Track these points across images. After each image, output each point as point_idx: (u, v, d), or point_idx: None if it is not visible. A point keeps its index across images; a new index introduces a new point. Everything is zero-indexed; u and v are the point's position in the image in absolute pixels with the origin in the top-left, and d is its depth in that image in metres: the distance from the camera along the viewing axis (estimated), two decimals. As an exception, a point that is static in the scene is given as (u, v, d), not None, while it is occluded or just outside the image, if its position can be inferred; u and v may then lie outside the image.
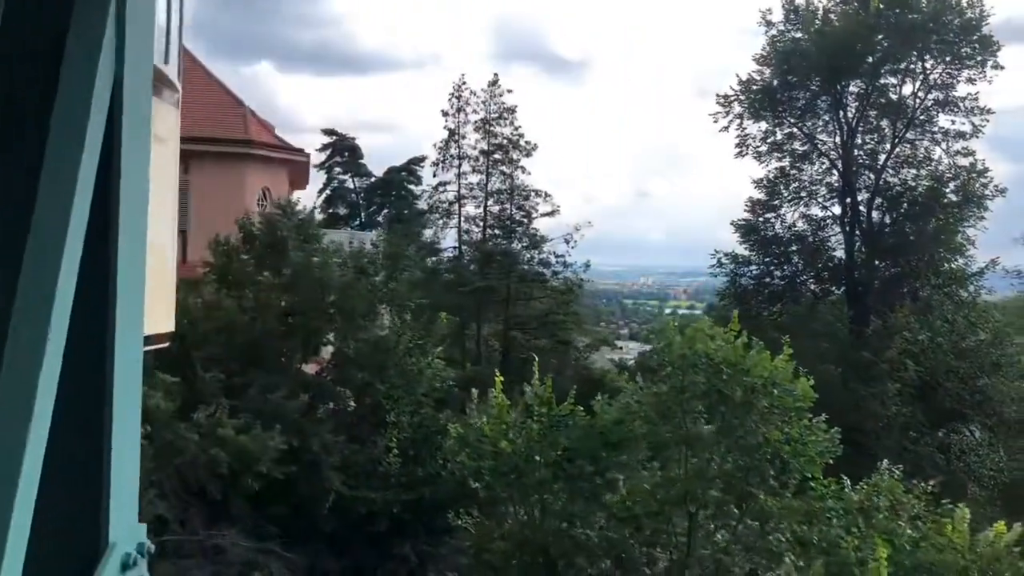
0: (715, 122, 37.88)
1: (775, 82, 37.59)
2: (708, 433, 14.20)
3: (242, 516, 17.21)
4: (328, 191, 77.28)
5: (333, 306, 19.85)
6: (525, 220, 44.91)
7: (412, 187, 68.84)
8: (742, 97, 37.59)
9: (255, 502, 17.88)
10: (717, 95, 38.17)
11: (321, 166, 76.48)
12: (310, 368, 21.32)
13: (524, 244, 45.37)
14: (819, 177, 38.74)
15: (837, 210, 38.69)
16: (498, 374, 15.91)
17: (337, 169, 78.48)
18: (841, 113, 38.09)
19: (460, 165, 45.96)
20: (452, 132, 46.17)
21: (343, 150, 77.59)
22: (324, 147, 77.67)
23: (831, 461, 15.43)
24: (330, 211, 71.74)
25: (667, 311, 47.76)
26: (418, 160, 62.23)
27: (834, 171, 38.47)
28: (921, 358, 33.13)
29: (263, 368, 19.13)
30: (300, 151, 34.94)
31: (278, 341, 19.55)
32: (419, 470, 20.03)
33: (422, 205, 55.51)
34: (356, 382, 19.65)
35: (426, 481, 19.71)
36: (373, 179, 78.16)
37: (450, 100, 46.21)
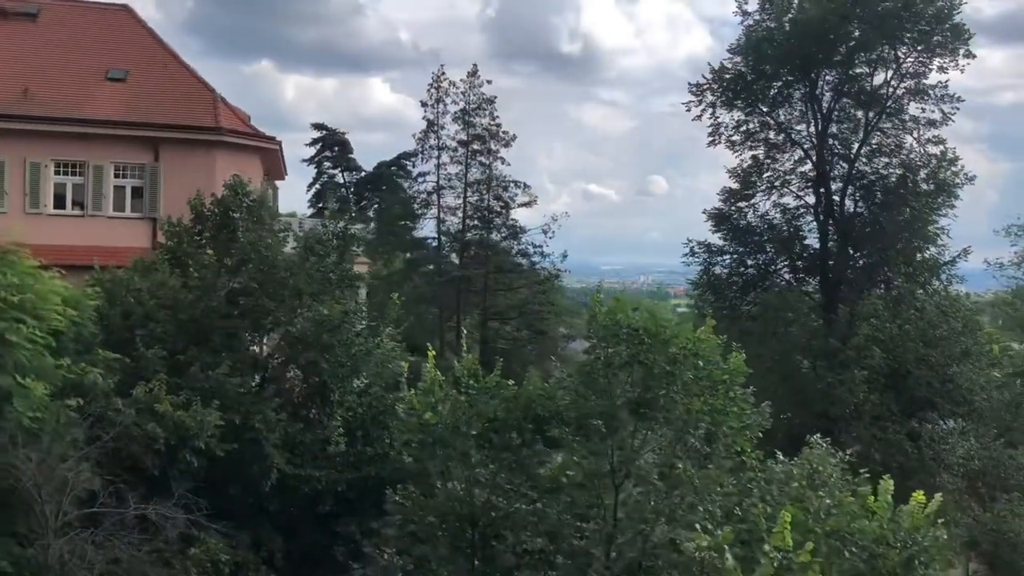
0: (688, 111, 37.97)
1: (747, 71, 37.63)
2: (633, 404, 14.22)
3: (182, 492, 17.21)
4: (318, 185, 77.56)
5: (280, 285, 19.86)
6: (503, 210, 45.11)
7: (402, 181, 69.07)
8: (715, 86, 37.63)
9: (197, 479, 17.90)
10: (689, 84, 38.30)
11: (311, 160, 76.86)
12: (268, 349, 21.37)
13: (503, 235, 45.58)
14: (793, 166, 38.80)
15: (811, 199, 38.75)
16: (430, 347, 15.95)
17: (327, 164, 78.71)
18: (815, 102, 38.12)
19: (439, 156, 46.21)
20: (431, 123, 46.37)
21: (333, 144, 77.86)
22: (314, 141, 77.95)
23: (760, 435, 15.46)
24: (319, 205, 71.98)
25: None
26: (408, 155, 62.52)
27: (808, 161, 38.53)
28: (890, 346, 33.16)
29: (208, 347, 19.16)
30: (272, 139, 34.95)
31: (225, 320, 19.55)
32: (368, 449, 20.07)
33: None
34: (302, 362, 19.68)
35: (373, 460, 19.75)
36: (363, 173, 78.34)
37: (429, 91, 46.43)
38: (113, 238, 29.87)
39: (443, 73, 46.48)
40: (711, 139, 38.07)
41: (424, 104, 46.71)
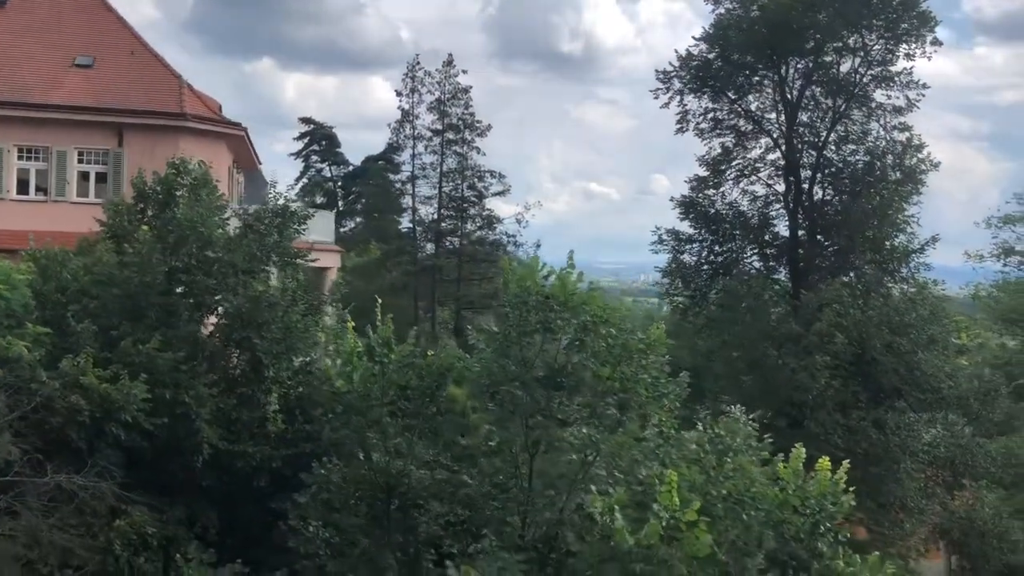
0: (656, 98, 37.95)
1: (714, 57, 37.61)
2: (544, 372, 14.22)
3: (109, 465, 17.24)
4: (305, 179, 77.57)
5: (218, 263, 19.89)
6: (477, 200, 45.17)
7: (390, 176, 69.06)
8: (682, 73, 37.59)
9: (128, 453, 17.95)
10: (656, 70, 38.26)
11: (298, 155, 76.92)
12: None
13: (477, 224, 45.64)
14: (763, 154, 38.77)
15: (781, 187, 38.72)
16: (349, 318, 15.98)
17: (314, 158, 78.70)
18: (784, 90, 38.08)
19: (415, 146, 46.27)
20: (406, 112, 46.44)
21: (320, 139, 77.83)
22: (301, 136, 78.00)
23: (678, 404, 15.44)
24: (305, 199, 72.00)
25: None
26: (395, 148, 62.52)
27: (777, 149, 38.49)
28: (855, 333, 33.09)
29: (144, 323, 19.19)
30: (237, 125, 35.04)
31: (162, 297, 19.58)
32: (307, 427, 20.06)
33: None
34: (236, 339, 19.70)
35: (311, 437, 19.74)
36: (351, 168, 78.30)
37: (404, 80, 46.50)
38: (76, 223, 29.87)
39: (418, 63, 46.58)
40: (679, 126, 38.08)
41: (399, 94, 46.81)
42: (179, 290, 19.97)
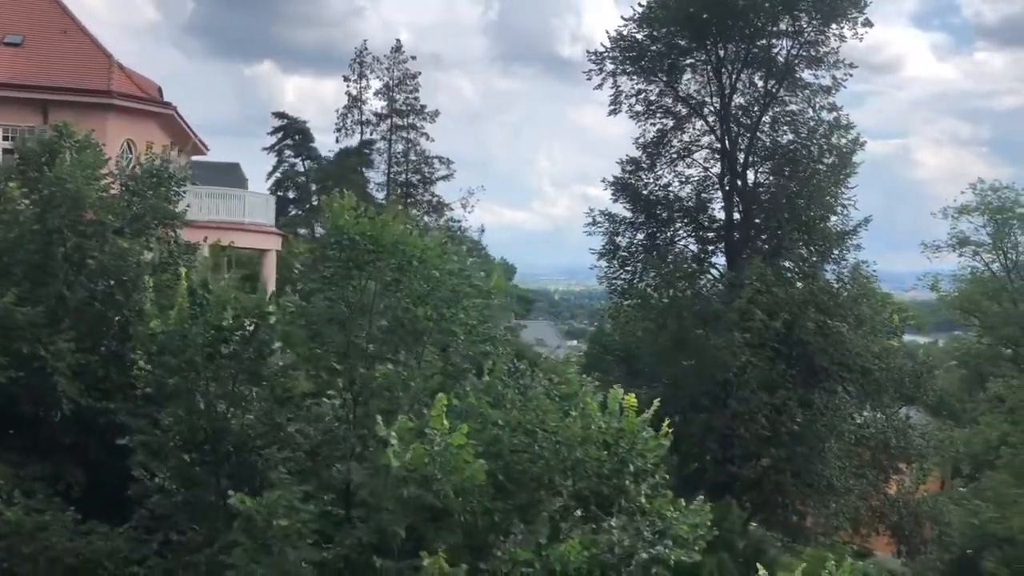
0: (588, 79, 37.93)
1: (644, 38, 37.59)
2: (360, 310, 14.19)
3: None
4: (278, 173, 77.73)
5: (91, 223, 19.93)
6: (421, 184, 45.25)
7: (364, 171, 69.16)
8: (614, 54, 37.58)
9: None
10: (587, 51, 38.26)
11: (270, 149, 77.07)
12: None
13: (423, 210, 45.69)
14: (698, 137, 38.74)
15: (717, 170, 38.69)
16: (185, 270, 15.98)
17: (288, 152, 78.82)
18: (719, 72, 38.06)
19: (362, 131, 46.34)
20: (353, 98, 46.49)
21: (293, 133, 77.93)
22: (275, 130, 78.13)
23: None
24: (279, 194, 72.16)
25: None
26: (369, 143, 62.66)
27: (713, 131, 38.46)
28: (781, 312, 33.03)
29: (9, 279, 19.20)
30: (166, 104, 35.12)
31: (31, 254, 19.61)
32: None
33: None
34: (100, 296, 19.70)
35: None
36: (324, 162, 78.38)
37: (351, 65, 46.57)
38: None
39: (366, 48, 46.66)
40: (612, 108, 38.05)
41: (347, 79, 46.90)
42: (52, 248, 19.97)
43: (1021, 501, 32.42)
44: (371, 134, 46.52)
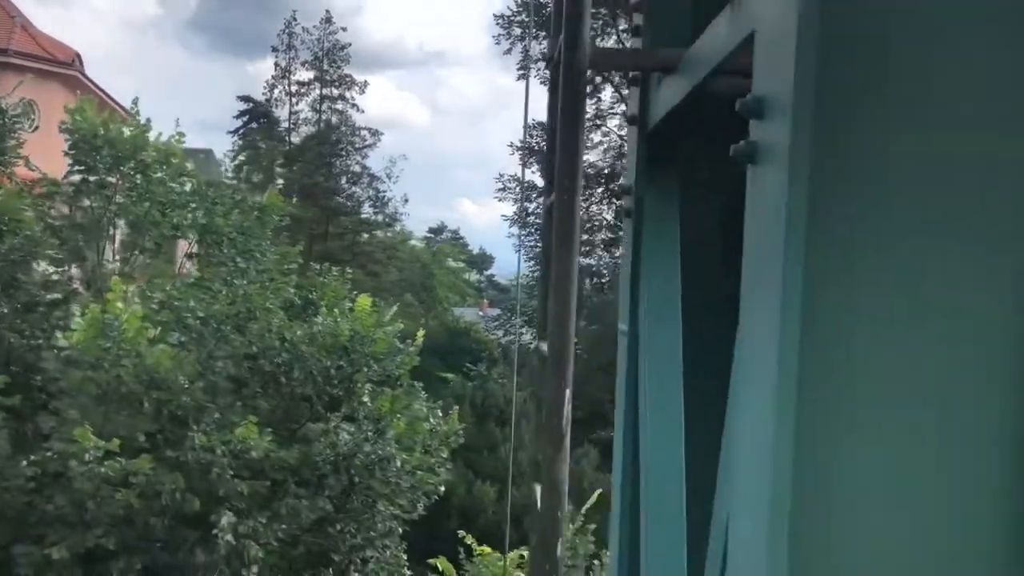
0: (497, 44, 37.56)
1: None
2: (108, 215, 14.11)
3: None
4: (242, 156, 77.69)
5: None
6: (344, 154, 45.07)
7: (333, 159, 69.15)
8: (522, 16, 37.21)
9: None
10: (495, 15, 37.91)
11: (235, 132, 76.96)
12: None
13: (346, 178, 45.52)
14: (613, 104, 38.36)
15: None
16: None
17: (256, 137, 78.72)
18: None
19: (290, 102, 46.20)
20: (283, 69, 46.39)
21: (258, 117, 77.82)
22: (241, 113, 78.06)
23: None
24: (241, 176, 72.11)
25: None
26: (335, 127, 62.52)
27: (624, 100, 38.12)
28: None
29: None
30: (70, 64, 35.02)
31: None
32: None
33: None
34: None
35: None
36: (289, 147, 78.34)
37: (280, 37, 46.47)
38: None
39: (295, 19, 46.54)
40: (520, 72, 37.66)
41: (275, 49, 46.84)
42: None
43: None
44: (299, 104, 46.36)
